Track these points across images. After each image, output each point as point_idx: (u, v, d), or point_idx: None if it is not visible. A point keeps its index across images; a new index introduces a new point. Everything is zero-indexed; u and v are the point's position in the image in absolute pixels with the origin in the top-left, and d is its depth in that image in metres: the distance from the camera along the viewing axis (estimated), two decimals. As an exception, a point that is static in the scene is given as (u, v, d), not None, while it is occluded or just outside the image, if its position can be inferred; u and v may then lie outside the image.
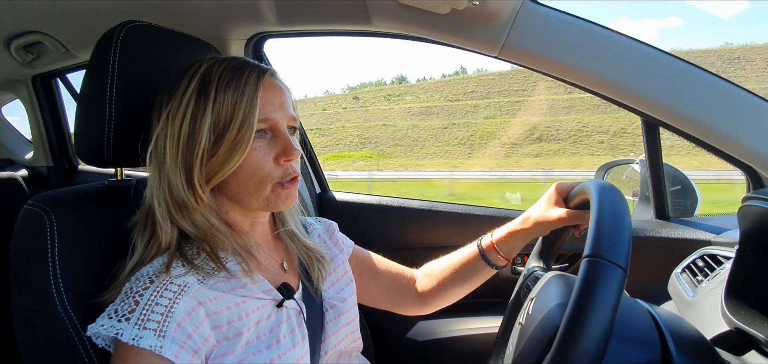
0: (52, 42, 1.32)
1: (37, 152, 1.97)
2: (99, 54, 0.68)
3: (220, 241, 0.62)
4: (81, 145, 0.72)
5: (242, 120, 0.59)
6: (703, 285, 0.79)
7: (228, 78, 0.61)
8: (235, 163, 0.60)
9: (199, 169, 0.60)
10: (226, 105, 0.59)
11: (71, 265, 0.63)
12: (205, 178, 0.61)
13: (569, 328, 0.41)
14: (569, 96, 23.65)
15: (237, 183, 0.62)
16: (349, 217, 1.34)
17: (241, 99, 0.60)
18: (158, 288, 0.55)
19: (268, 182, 0.63)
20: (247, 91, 0.60)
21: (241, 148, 0.59)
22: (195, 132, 0.60)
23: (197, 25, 1.08)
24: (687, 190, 1.11)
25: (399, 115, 29.70)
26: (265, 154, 0.62)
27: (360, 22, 0.99)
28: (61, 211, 0.65)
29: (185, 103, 0.60)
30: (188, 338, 0.54)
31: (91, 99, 0.69)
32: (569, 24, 0.81)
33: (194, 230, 0.62)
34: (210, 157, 0.60)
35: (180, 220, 0.61)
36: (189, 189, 0.61)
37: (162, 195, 0.61)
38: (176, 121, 0.60)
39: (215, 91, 0.60)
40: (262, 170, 0.62)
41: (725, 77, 0.82)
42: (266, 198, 0.63)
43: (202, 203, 0.62)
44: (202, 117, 0.59)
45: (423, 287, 0.87)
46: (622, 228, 0.46)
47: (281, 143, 0.63)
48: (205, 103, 0.60)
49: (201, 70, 0.62)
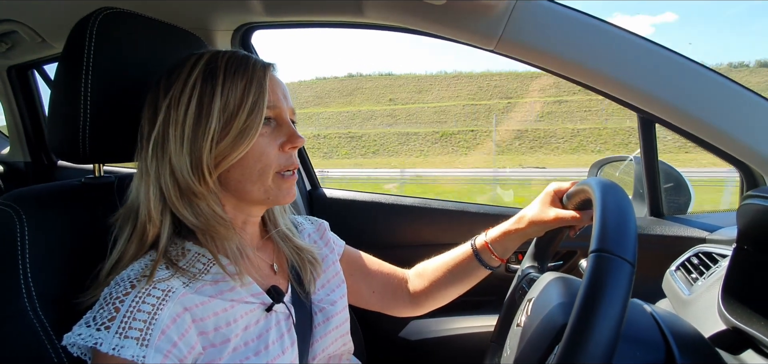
0: (27, 31, 1.26)
1: (14, 147, 1.91)
2: (73, 43, 0.65)
3: (224, 232, 0.60)
4: (54, 140, 0.68)
5: (252, 105, 0.59)
6: (699, 283, 0.78)
7: (235, 65, 0.60)
8: (244, 148, 0.59)
9: (208, 152, 0.59)
10: (236, 90, 0.59)
11: (44, 268, 0.60)
12: (214, 164, 0.59)
13: (578, 325, 0.40)
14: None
15: (241, 170, 0.61)
16: (340, 214, 1.32)
17: (250, 85, 0.60)
18: (140, 293, 0.52)
19: (271, 171, 0.62)
20: (257, 77, 0.61)
21: (251, 133, 0.59)
22: (203, 116, 0.58)
23: (181, 15, 1.04)
24: (680, 187, 1.12)
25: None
26: (270, 141, 0.62)
27: (352, 13, 0.96)
28: (33, 210, 0.61)
29: (190, 88, 0.59)
30: (173, 347, 0.51)
31: (64, 91, 0.66)
32: (568, 17, 0.79)
33: (195, 220, 0.59)
34: (219, 141, 0.59)
35: (182, 209, 0.59)
36: (196, 174, 0.59)
37: (163, 182, 0.59)
38: (181, 107, 0.59)
39: (223, 75, 0.59)
40: (267, 157, 0.61)
41: (722, 73, 0.81)
42: (268, 188, 0.62)
43: (208, 190, 0.60)
44: (210, 101, 0.58)
45: (415, 287, 0.86)
46: (627, 223, 0.45)
47: (286, 131, 0.63)
48: (213, 87, 0.59)
49: (205, 58, 0.61)
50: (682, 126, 0.85)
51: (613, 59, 0.81)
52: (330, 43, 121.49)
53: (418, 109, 26.94)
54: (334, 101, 29.53)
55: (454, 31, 0.86)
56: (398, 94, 28.97)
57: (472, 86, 27.81)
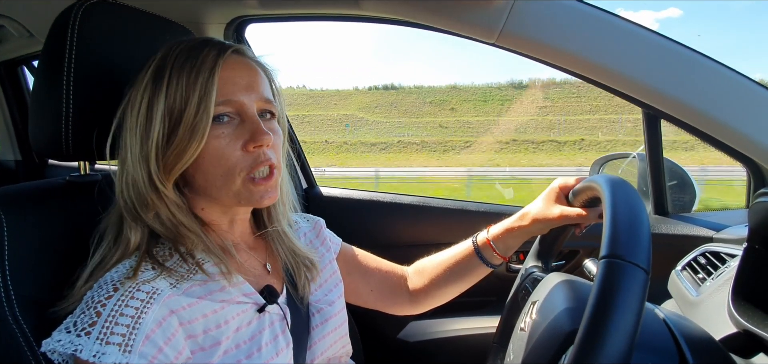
0: (15, 26, 1.24)
1: (4, 146, 1.88)
2: (55, 34, 0.62)
3: (189, 240, 0.57)
4: (37, 136, 0.66)
5: (198, 102, 0.54)
6: (707, 284, 0.76)
7: (183, 58, 0.55)
8: (193, 152, 0.54)
9: (155, 161, 0.55)
10: (181, 88, 0.54)
11: (24, 271, 0.57)
12: (165, 172, 0.56)
13: (588, 339, 0.37)
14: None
15: (202, 175, 0.57)
16: (336, 213, 1.29)
17: (196, 79, 0.54)
18: (124, 296, 0.49)
19: (237, 174, 0.57)
20: (204, 70, 0.55)
21: (199, 135, 0.54)
22: (149, 121, 0.55)
23: (170, 7, 1.01)
24: (685, 184, 1.10)
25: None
26: (231, 141, 0.56)
27: (348, 5, 0.94)
28: (14, 209, 0.58)
29: (141, 91, 0.56)
30: (159, 352, 0.49)
31: (46, 84, 0.63)
32: (572, 9, 0.76)
33: (163, 229, 0.56)
34: (166, 147, 0.55)
35: (147, 218, 0.56)
36: (150, 184, 0.55)
37: (127, 192, 0.56)
38: (134, 113, 0.56)
39: (169, 74, 0.55)
40: (228, 160, 0.56)
41: (730, 66, 0.79)
42: (237, 192, 0.58)
43: (167, 199, 0.56)
44: (156, 104, 0.55)
45: (414, 285, 0.84)
46: (640, 225, 0.42)
47: (248, 128, 0.57)
48: (159, 88, 0.55)
49: (159, 55, 0.57)
50: (689, 122, 0.82)
51: (618, 52, 0.78)
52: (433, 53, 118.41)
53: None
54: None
55: (453, 23, 0.83)
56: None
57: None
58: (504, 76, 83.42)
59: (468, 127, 30.31)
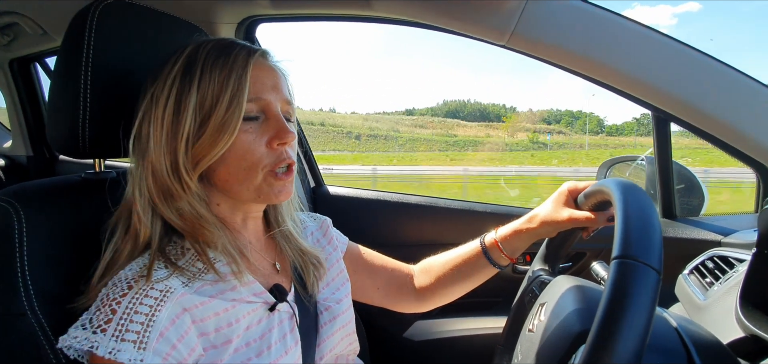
0: (29, 23, 1.25)
1: (16, 141, 1.90)
2: (72, 34, 0.63)
3: (210, 234, 0.57)
4: (54, 133, 0.67)
5: (230, 99, 0.56)
6: (715, 288, 0.76)
7: (215, 56, 0.57)
8: (223, 146, 0.56)
9: (184, 153, 0.56)
10: (213, 84, 0.56)
11: (42, 265, 0.58)
12: (192, 164, 0.57)
13: (601, 338, 0.37)
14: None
15: (226, 169, 0.58)
16: (343, 212, 1.30)
17: (228, 77, 0.56)
18: (138, 294, 0.50)
19: (259, 169, 0.58)
20: (236, 68, 0.57)
21: (230, 129, 0.56)
22: (179, 114, 0.56)
23: (183, 7, 1.01)
24: (693, 188, 1.09)
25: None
26: (257, 137, 0.58)
27: (359, 5, 0.94)
28: (31, 206, 0.59)
29: (169, 84, 0.57)
30: (172, 349, 0.49)
31: (64, 83, 0.64)
32: (583, 11, 0.77)
33: (181, 222, 0.57)
34: (195, 140, 0.56)
35: (165, 210, 0.57)
36: (174, 175, 0.56)
37: (145, 183, 0.57)
38: (160, 104, 0.56)
39: (201, 69, 0.56)
40: (253, 155, 0.58)
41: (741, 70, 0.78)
42: (257, 188, 0.59)
43: (189, 191, 0.57)
44: (186, 98, 0.56)
45: (421, 283, 0.84)
46: (652, 227, 0.42)
47: (274, 126, 0.59)
48: (190, 83, 0.56)
49: (187, 51, 0.58)
50: (699, 125, 0.82)
51: (629, 55, 0.78)
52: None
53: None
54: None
55: (464, 24, 0.83)
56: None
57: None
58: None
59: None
